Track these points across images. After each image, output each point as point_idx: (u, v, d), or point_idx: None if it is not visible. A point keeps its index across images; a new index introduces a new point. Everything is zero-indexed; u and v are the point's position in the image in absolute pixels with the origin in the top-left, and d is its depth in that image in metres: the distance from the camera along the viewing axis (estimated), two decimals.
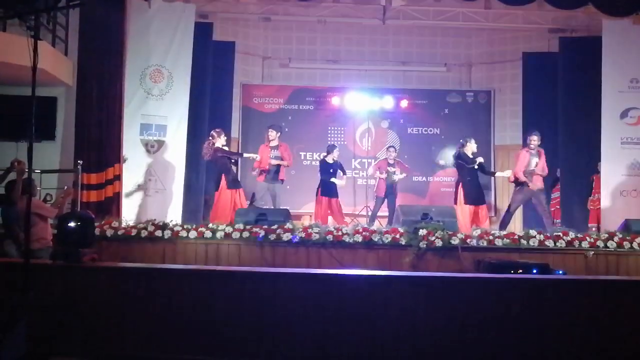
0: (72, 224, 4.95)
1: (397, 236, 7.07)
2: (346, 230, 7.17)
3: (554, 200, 10.12)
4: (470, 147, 8.83)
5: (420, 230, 7.03)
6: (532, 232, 7.20)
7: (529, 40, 11.22)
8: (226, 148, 8.70)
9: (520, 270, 6.03)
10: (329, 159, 9.42)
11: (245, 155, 9.18)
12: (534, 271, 6.07)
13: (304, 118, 11.62)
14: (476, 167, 8.76)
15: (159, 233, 7.13)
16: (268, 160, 8.89)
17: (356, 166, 11.64)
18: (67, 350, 4.59)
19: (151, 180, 8.73)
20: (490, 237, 7.11)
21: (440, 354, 4.49)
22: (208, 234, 7.13)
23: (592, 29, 9.76)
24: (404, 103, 11.49)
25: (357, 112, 11.49)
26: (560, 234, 7.15)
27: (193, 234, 7.13)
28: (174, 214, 8.44)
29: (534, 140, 8.57)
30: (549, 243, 7.04)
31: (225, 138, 8.69)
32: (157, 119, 8.78)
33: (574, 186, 9.64)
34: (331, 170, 9.33)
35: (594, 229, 8.58)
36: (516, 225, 9.52)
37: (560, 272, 6.34)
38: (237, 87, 11.24)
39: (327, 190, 9.27)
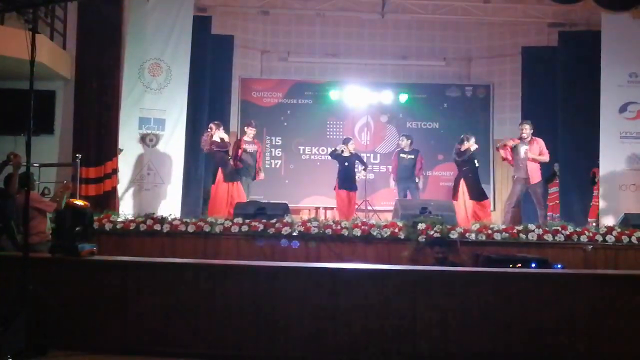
0: (70, 218, 4.94)
1: (396, 230, 7.08)
2: (345, 225, 7.17)
3: (552, 196, 10.13)
4: (467, 145, 8.88)
5: (419, 224, 7.04)
6: (531, 226, 7.21)
7: (528, 34, 11.19)
8: (226, 139, 8.72)
9: (519, 265, 6.04)
10: (345, 152, 9.39)
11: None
12: (533, 265, 6.08)
13: (303, 112, 11.60)
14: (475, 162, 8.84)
15: (157, 227, 7.15)
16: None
17: None
18: (66, 343, 4.59)
19: (150, 174, 8.71)
20: (489, 231, 7.12)
21: (439, 347, 4.50)
22: (207, 227, 7.13)
23: (592, 23, 9.75)
24: (403, 97, 11.47)
25: (356, 107, 11.47)
26: (559, 228, 7.17)
27: (192, 228, 7.13)
28: (172, 208, 8.43)
29: (525, 129, 8.67)
30: (548, 237, 7.05)
31: (224, 130, 8.71)
32: (155, 113, 8.74)
33: (573, 180, 9.64)
34: (346, 164, 9.31)
35: (593, 223, 8.59)
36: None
37: (559, 266, 6.35)
38: (235, 81, 11.21)
39: (344, 183, 9.25)
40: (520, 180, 8.66)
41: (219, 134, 8.58)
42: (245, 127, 9.36)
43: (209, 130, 8.61)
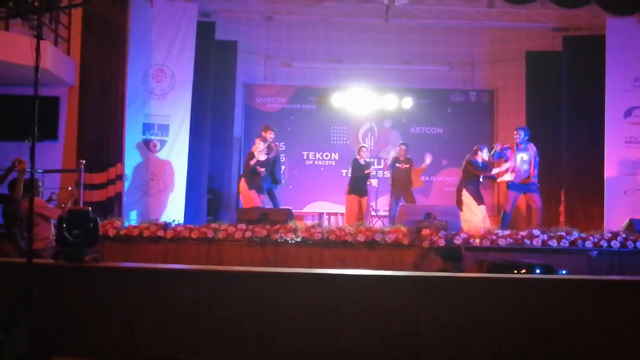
0: (74, 224, 4.94)
1: (400, 236, 7.05)
2: (349, 230, 7.15)
3: None
4: (481, 155, 8.76)
5: (424, 229, 7.01)
6: (535, 232, 7.17)
7: (532, 39, 11.16)
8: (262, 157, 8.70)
9: (524, 271, 6.00)
10: (361, 159, 9.47)
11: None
12: (537, 271, 6.04)
13: (307, 118, 11.59)
14: (481, 179, 8.81)
15: (161, 233, 7.14)
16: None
17: None
18: (69, 350, 4.59)
19: (153, 180, 8.73)
20: (494, 237, 7.09)
21: (442, 354, 4.47)
22: (210, 233, 7.12)
23: (596, 28, 9.72)
24: (407, 102, 11.44)
25: (359, 112, 11.45)
26: (564, 233, 7.13)
27: (195, 234, 7.12)
28: (176, 214, 8.43)
29: (518, 134, 8.69)
30: (552, 243, 7.02)
31: (263, 144, 8.72)
32: (159, 119, 8.78)
33: (578, 186, 9.59)
34: (366, 171, 9.42)
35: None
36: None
37: (564, 272, 6.31)
38: (239, 86, 11.21)
39: (357, 188, 9.34)
40: (517, 185, 8.66)
41: (259, 148, 8.63)
42: (265, 132, 8.98)
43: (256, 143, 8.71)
